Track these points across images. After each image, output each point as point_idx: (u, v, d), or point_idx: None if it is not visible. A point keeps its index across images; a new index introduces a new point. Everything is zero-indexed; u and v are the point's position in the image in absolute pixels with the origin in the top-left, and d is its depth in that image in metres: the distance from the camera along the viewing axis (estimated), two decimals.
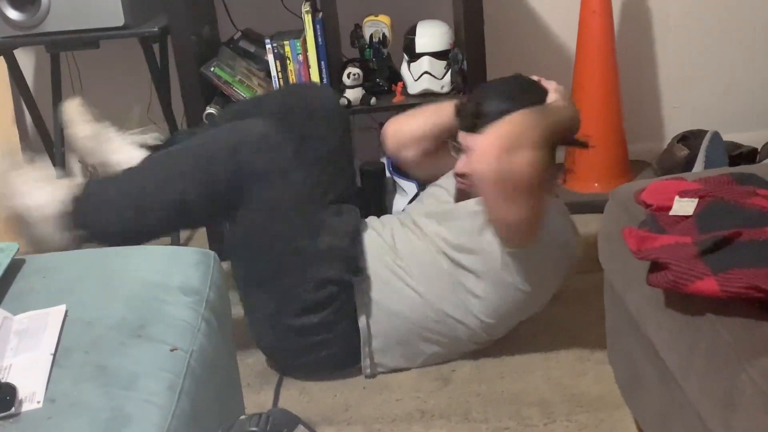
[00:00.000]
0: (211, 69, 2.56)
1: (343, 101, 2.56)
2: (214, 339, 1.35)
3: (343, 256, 1.92)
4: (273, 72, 2.53)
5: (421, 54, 2.58)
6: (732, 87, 3.06)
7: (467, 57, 2.52)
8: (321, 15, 2.53)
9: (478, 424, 1.80)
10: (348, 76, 2.56)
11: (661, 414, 1.42)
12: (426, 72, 2.57)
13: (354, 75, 2.56)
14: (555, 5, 2.94)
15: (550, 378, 1.93)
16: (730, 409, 1.10)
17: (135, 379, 1.15)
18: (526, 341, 2.04)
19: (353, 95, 2.57)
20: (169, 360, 1.21)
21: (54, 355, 1.19)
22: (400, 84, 2.63)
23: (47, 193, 1.88)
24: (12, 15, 2.44)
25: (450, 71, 2.57)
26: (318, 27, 2.49)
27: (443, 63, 2.58)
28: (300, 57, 2.51)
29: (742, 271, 1.16)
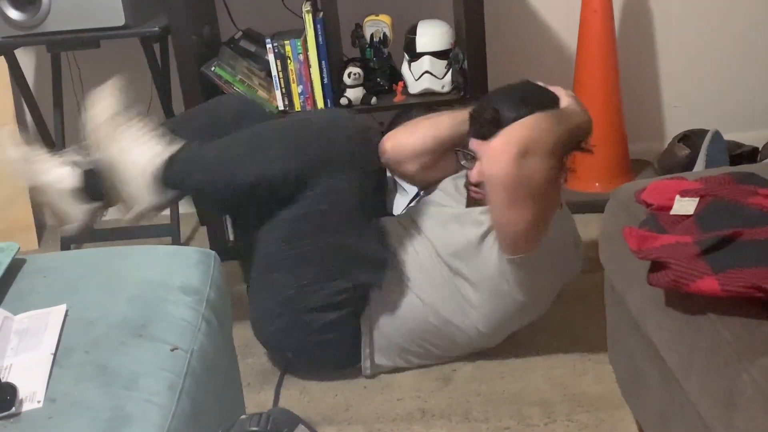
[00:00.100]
0: (212, 69, 2.56)
1: (344, 101, 2.56)
2: (214, 338, 1.35)
3: (381, 264, 1.93)
4: (274, 72, 2.53)
5: (422, 53, 2.58)
6: (733, 86, 3.05)
7: (468, 56, 2.52)
8: (322, 14, 2.53)
9: (478, 423, 1.80)
10: (349, 75, 2.56)
11: (662, 413, 1.42)
12: (427, 71, 2.57)
13: (355, 74, 2.56)
14: (556, 4, 2.94)
15: (550, 378, 1.93)
16: (730, 409, 1.10)
17: (135, 379, 1.15)
18: (526, 341, 2.04)
19: (354, 95, 2.57)
20: (170, 359, 1.21)
21: (54, 355, 1.19)
22: (400, 83, 2.62)
23: (147, 150, 1.90)
24: (13, 15, 2.44)
25: (451, 71, 2.57)
26: (319, 26, 2.49)
27: (444, 62, 2.58)
28: (301, 56, 2.51)
29: (742, 271, 1.16)
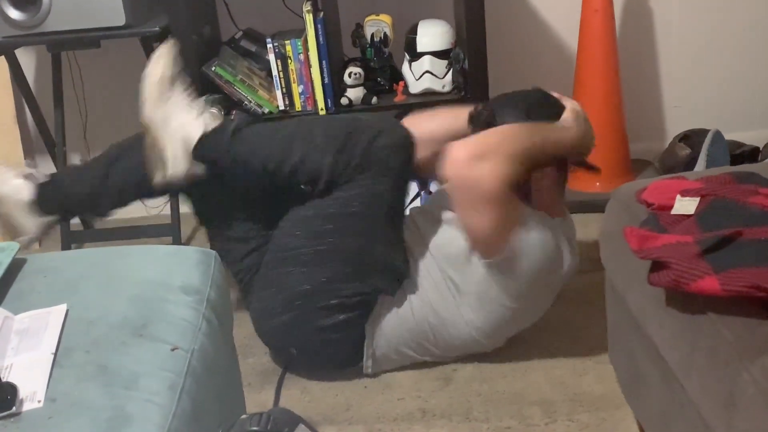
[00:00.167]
0: (213, 68, 2.56)
1: (345, 101, 2.56)
2: (215, 338, 1.35)
3: (401, 276, 1.95)
4: (274, 71, 2.53)
5: (423, 53, 2.58)
6: (734, 86, 3.05)
7: (468, 56, 2.52)
8: (322, 14, 2.53)
9: (479, 423, 1.80)
10: (349, 75, 2.56)
11: (663, 413, 1.41)
12: (427, 71, 2.57)
13: (355, 74, 2.56)
14: (556, 4, 2.94)
15: (551, 377, 1.93)
16: (731, 409, 1.09)
17: (136, 379, 1.15)
18: (527, 341, 2.04)
19: (354, 95, 2.57)
20: (170, 359, 1.21)
21: (55, 355, 1.19)
22: (401, 83, 2.62)
23: (194, 117, 1.93)
24: (13, 15, 2.44)
25: (451, 70, 2.57)
26: (319, 26, 2.49)
27: (444, 62, 2.58)
28: (301, 56, 2.51)
29: (743, 271, 1.16)
